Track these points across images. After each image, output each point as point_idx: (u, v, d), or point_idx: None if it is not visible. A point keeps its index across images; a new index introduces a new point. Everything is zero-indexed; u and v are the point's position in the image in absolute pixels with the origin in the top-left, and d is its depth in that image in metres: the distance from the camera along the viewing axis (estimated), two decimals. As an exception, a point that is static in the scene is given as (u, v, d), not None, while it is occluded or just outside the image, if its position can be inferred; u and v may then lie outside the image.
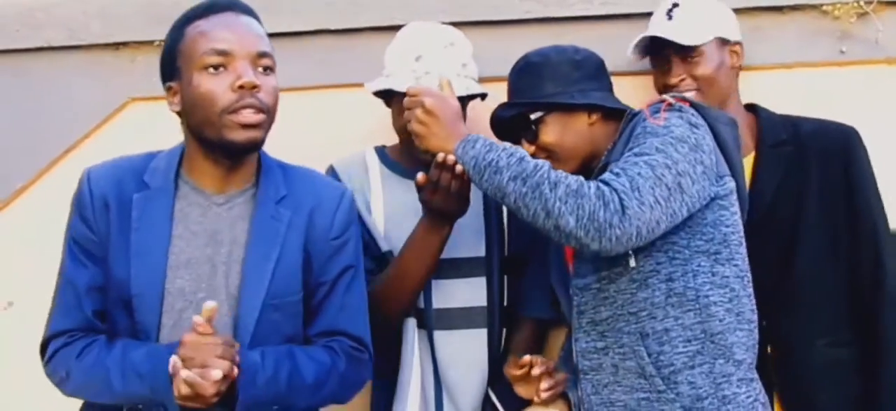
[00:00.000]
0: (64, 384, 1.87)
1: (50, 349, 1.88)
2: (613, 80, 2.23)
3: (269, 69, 1.84)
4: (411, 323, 2.27)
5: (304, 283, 1.92)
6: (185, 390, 1.68)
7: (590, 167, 2.05)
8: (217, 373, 1.67)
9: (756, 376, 2.01)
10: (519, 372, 2.08)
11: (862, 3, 2.48)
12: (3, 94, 2.67)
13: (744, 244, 2.01)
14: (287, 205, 1.91)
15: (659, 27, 2.33)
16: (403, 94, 2.20)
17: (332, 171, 2.36)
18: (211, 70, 1.79)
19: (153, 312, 1.82)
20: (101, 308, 1.87)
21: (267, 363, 1.82)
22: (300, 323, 1.94)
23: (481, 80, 2.36)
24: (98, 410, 1.88)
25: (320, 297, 1.95)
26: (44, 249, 2.16)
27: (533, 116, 2.08)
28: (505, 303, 2.35)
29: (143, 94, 2.61)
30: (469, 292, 2.30)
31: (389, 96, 2.31)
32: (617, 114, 2.09)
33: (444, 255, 2.23)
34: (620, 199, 1.79)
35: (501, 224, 2.36)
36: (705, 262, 1.94)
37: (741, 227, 2.01)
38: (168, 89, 1.87)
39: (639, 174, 1.83)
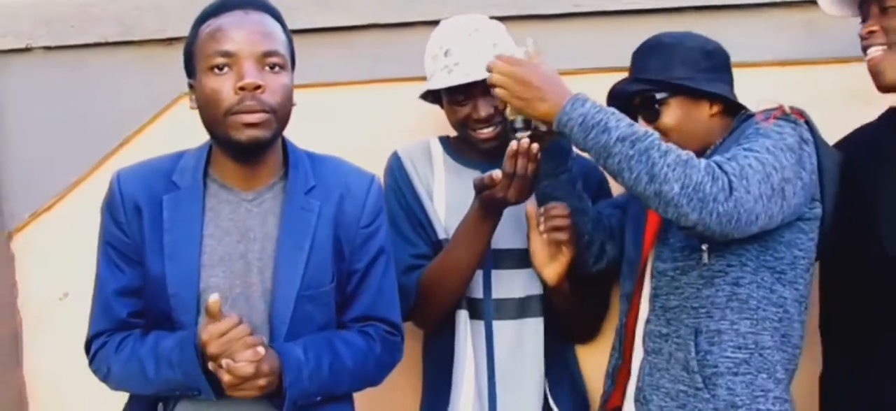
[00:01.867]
0: (107, 379, 1.92)
1: (92, 349, 1.93)
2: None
3: (278, 67, 1.82)
4: (463, 315, 2.28)
5: (335, 272, 1.93)
6: (228, 378, 1.72)
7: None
8: (249, 369, 1.71)
9: (791, 398, 2.01)
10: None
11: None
12: (59, 89, 2.71)
13: (811, 270, 2.01)
14: (316, 196, 1.91)
15: None
16: (451, 92, 2.22)
17: (396, 157, 2.38)
18: (216, 70, 1.79)
19: (190, 310, 1.84)
20: (137, 309, 1.91)
21: (309, 356, 1.84)
22: (332, 311, 1.95)
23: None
24: (143, 402, 1.91)
25: (354, 284, 1.97)
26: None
27: (658, 96, 2.06)
28: None
29: (195, 88, 2.64)
30: (529, 282, 2.31)
31: (439, 98, 2.32)
32: (733, 111, 2.09)
33: (505, 245, 2.26)
34: (729, 181, 1.79)
35: None
36: (768, 278, 1.96)
37: (813, 254, 2.01)
38: (190, 87, 1.90)
39: (749, 165, 1.83)
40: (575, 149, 2.11)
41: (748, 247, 1.94)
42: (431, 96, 2.35)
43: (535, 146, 1.95)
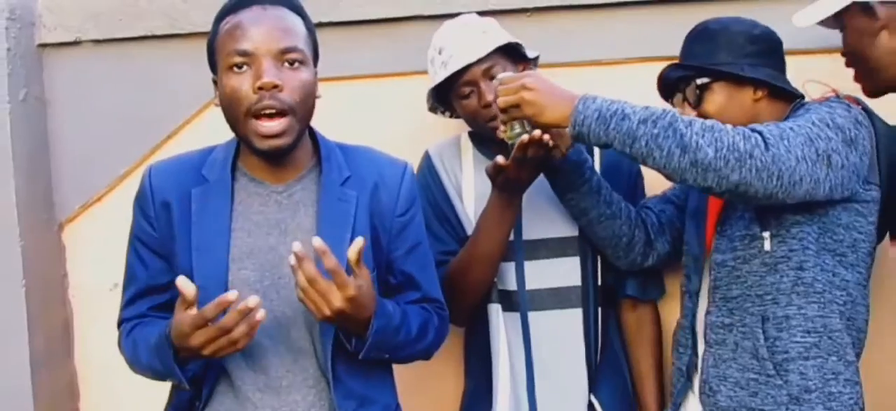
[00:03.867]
0: (127, 363, 1.95)
1: (120, 336, 1.97)
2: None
3: (297, 63, 1.80)
4: (495, 308, 2.29)
5: (375, 261, 1.93)
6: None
7: None
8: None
9: (860, 380, 2.01)
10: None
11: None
12: (107, 82, 2.74)
13: (873, 254, 2.00)
14: (352, 186, 1.91)
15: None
16: (456, 87, 2.25)
17: (427, 156, 2.40)
18: (235, 69, 1.78)
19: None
20: (159, 303, 1.92)
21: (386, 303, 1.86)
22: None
23: (570, 65, 2.44)
24: (183, 392, 1.91)
25: (396, 274, 1.98)
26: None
27: (699, 81, 2.06)
28: (599, 283, 2.34)
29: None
30: (563, 272, 2.31)
31: (445, 103, 2.36)
32: (784, 97, 2.07)
33: (537, 236, 2.28)
34: (764, 139, 1.79)
35: None
36: (830, 261, 1.95)
37: (874, 238, 2.00)
38: (213, 83, 1.89)
39: (790, 129, 1.83)
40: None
41: (807, 229, 1.94)
42: (442, 108, 2.39)
43: (547, 136, 1.97)
